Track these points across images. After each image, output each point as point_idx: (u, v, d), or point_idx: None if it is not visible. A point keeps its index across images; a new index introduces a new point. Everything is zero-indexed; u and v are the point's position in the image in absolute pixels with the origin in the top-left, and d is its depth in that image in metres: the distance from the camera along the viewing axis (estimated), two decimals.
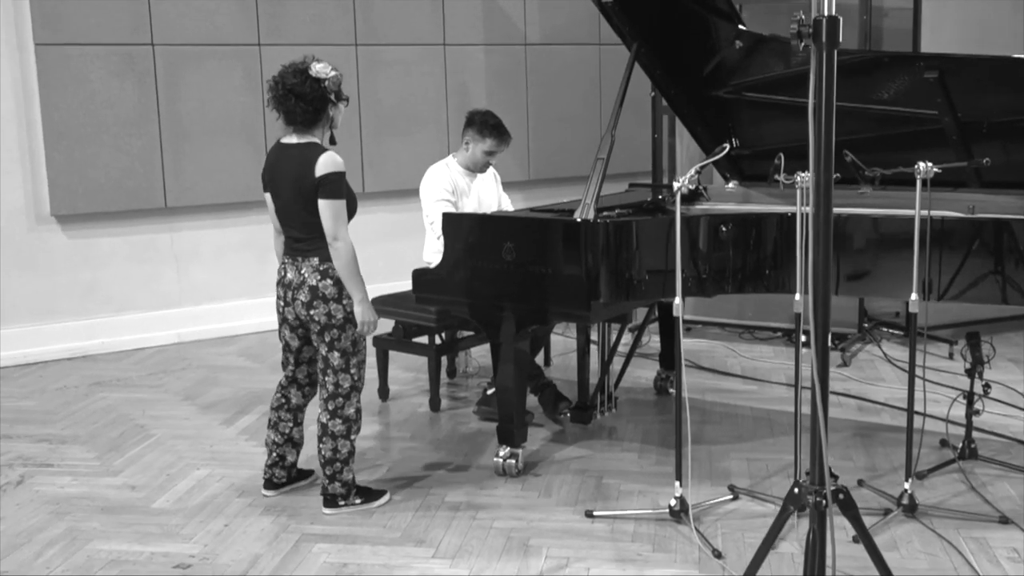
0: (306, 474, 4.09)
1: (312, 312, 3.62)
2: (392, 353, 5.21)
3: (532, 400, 4.86)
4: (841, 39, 1.96)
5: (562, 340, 6.12)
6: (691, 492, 3.91)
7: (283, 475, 3.98)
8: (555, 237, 3.86)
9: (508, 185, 7.25)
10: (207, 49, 6.35)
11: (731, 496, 3.87)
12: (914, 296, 3.57)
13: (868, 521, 3.55)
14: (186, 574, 3.36)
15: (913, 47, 5.93)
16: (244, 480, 4.13)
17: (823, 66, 1.63)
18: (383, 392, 5.18)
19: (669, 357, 5.18)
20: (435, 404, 4.99)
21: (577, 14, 7.54)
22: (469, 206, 4.91)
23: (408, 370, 5.66)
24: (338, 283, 3.62)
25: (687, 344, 6.09)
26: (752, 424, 4.70)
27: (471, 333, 5.18)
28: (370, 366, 5.34)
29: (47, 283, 6.15)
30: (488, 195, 5.05)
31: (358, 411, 3.76)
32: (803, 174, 3.54)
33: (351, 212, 3.69)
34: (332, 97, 3.61)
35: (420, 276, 4.25)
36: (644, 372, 5.52)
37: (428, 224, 4.81)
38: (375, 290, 5.52)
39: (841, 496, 2.59)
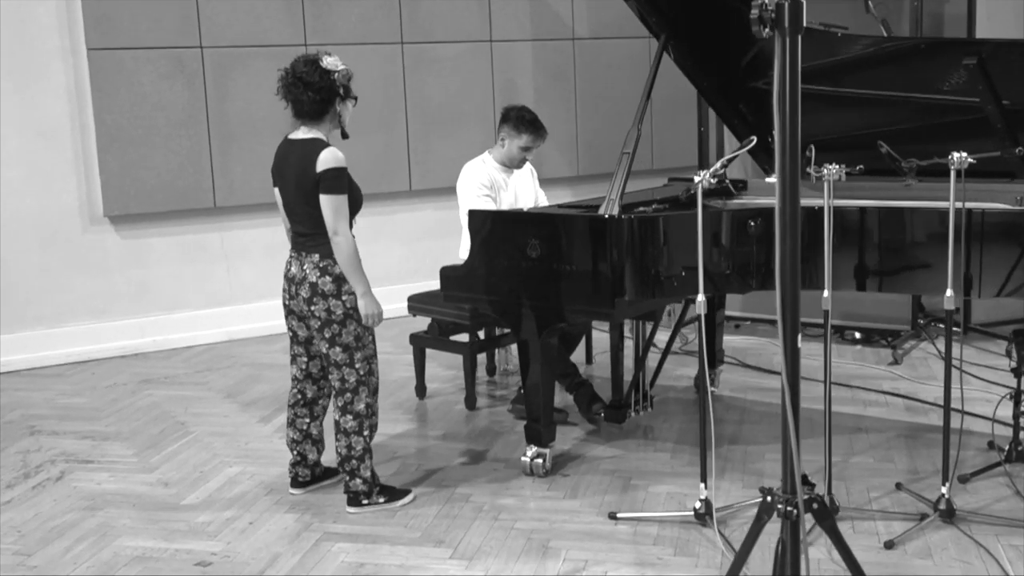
0: (333, 472, 4.09)
1: (312, 308, 3.65)
2: (432, 351, 5.20)
3: (568, 399, 4.82)
4: (806, 23, 1.88)
5: (606, 337, 6.03)
6: (723, 494, 3.83)
7: (307, 473, 3.99)
8: (579, 233, 3.80)
9: (557, 181, 7.23)
10: (254, 50, 6.41)
11: (762, 498, 3.76)
12: (949, 292, 3.43)
13: (902, 527, 3.46)
14: (206, 572, 3.39)
15: (968, 34, 5.71)
16: (273, 478, 4.15)
17: (786, 54, 1.55)
18: (420, 390, 5.17)
19: (712, 354, 5.07)
20: (471, 402, 4.97)
21: (625, 8, 7.37)
22: (506, 202, 4.88)
23: (448, 368, 5.64)
24: (337, 280, 3.63)
25: (735, 341, 5.96)
26: (802, 424, 4.56)
27: (509, 330, 5.14)
28: (407, 364, 5.37)
29: (101, 283, 6.27)
30: (525, 191, 5.00)
31: (368, 406, 3.75)
32: (831, 166, 3.43)
33: (356, 207, 3.70)
34: (341, 91, 3.62)
35: (447, 273, 4.23)
36: (687, 370, 5.42)
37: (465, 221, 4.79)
38: (420, 287, 5.54)
39: (815, 505, 2.43)
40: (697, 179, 3.35)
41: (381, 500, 3.81)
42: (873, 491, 3.81)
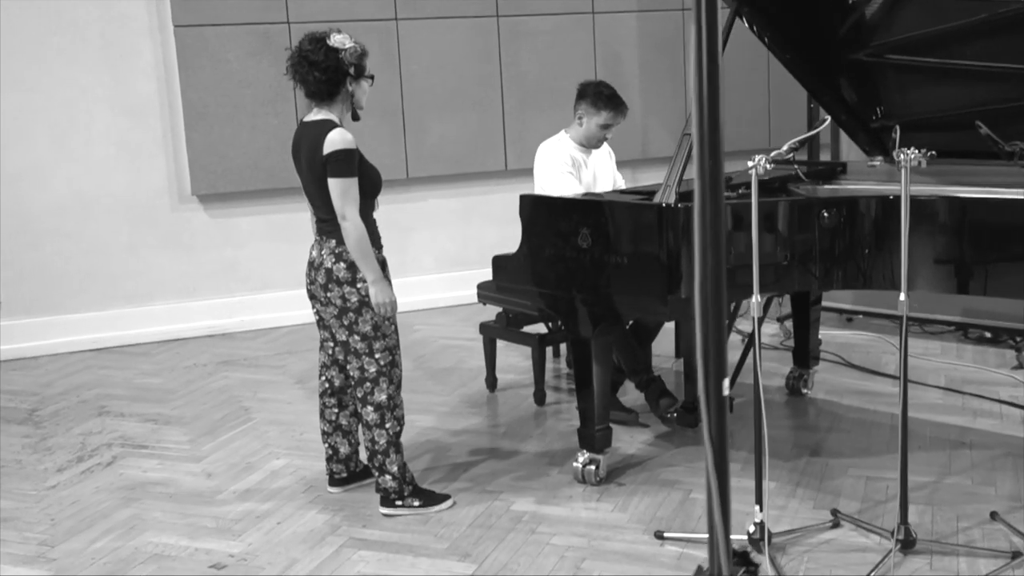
0: (369, 472, 3.89)
1: (329, 295, 3.48)
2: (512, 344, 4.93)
3: (639, 397, 4.48)
4: None
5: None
6: (789, 514, 3.43)
7: (341, 469, 3.79)
8: (631, 223, 3.45)
9: (663, 160, 6.80)
10: (342, 25, 6.12)
11: (831, 522, 3.35)
12: None
13: (988, 566, 2.99)
14: (219, 575, 3.23)
15: None
16: (316, 474, 3.98)
17: (703, 22, 1.20)
18: (491, 383, 4.91)
19: (804, 353, 4.62)
20: (540, 398, 4.67)
21: None
22: (584, 184, 4.55)
23: (529, 358, 5.35)
24: (352, 266, 3.43)
25: (842, 337, 5.46)
26: (887, 435, 4.09)
27: None
28: (478, 352, 5.11)
29: (190, 262, 6.26)
30: (604, 173, 4.66)
31: (391, 398, 3.54)
32: (909, 150, 2.97)
33: (373, 191, 3.47)
34: (351, 71, 3.38)
35: (498, 263, 3.94)
36: (785, 367, 4.96)
37: None
38: None
39: None
40: (751, 164, 2.95)
41: (416, 503, 3.60)
42: (963, 520, 3.34)
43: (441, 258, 6.75)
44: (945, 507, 3.44)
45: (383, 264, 3.51)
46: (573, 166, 4.45)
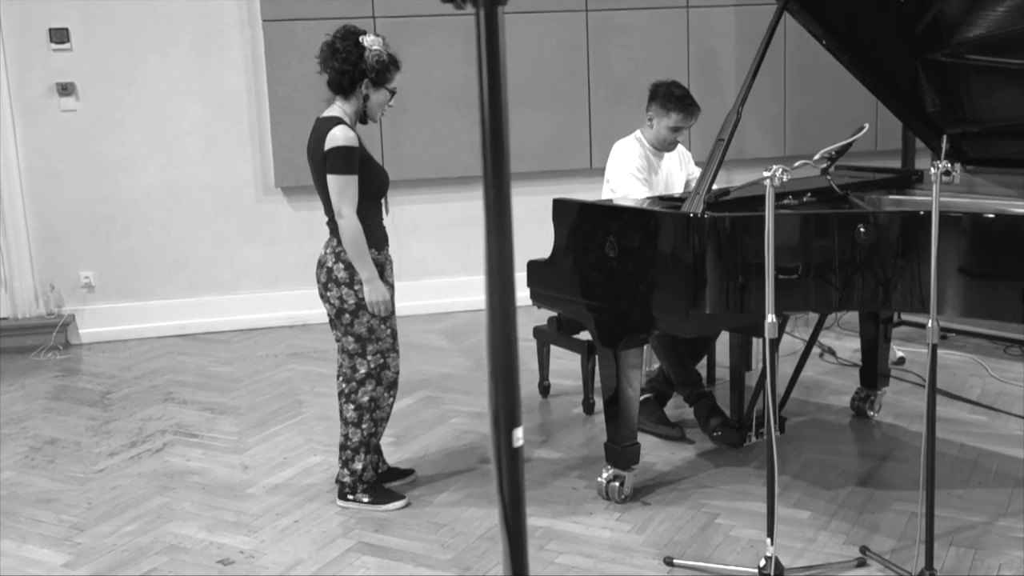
0: (401, 473, 3.86)
1: (328, 295, 3.50)
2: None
3: (680, 412, 4.30)
4: None
5: (788, 340, 5.37)
6: (816, 548, 3.22)
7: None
8: (656, 232, 3.30)
9: (761, 162, 6.53)
10: (428, 20, 6.23)
11: (857, 560, 3.13)
12: None
13: None
14: (223, 572, 3.25)
15: None
16: None
17: (484, 21, 1.09)
18: (543, 388, 4.81)
19: (871, 373, 4.35)
20: (588, 407, 4.55)
21: None
22: (657, 188, 4.39)
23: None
24: (350, 268, 3.44)
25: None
26: (949, 467, 3.80)
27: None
28: (532, 353, 5.00)
29: (273, 252, 6.37)
30: (676, 177, 4.48)
31: (373, 400, 3.56)
32: (941, 162, 2.72)
33: (378, 192, 3.48)
34: (371, 75, 3.34)
35: (532, 268, 3.84)
36: (850, 384, 4.68)
37: None
38: None
39: None
40: (767, 174, 2.77)
41: (365, 500, 3.64)
42: (1006, 568, 3.06)
43: (520, 256, 6.66)
44: (989, 552, 3.16)
45: (381, 265, 3.48)
46: (644, 169, 4.29)
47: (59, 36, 5.91)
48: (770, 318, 2.84)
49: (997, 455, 3.89)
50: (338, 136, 3.35)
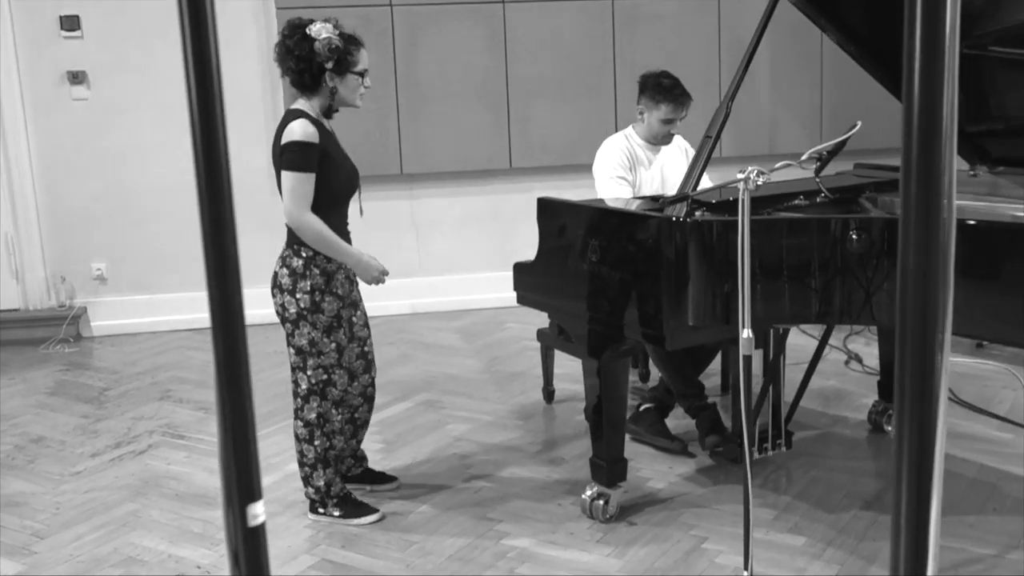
0: (384, 478, 3.70)
1: (273, 300, 3.33)
2: None
3: (686, 424, 4.05)
4: None
5: (806, 343, 5.08)
6: None
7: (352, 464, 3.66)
8: (634, 236, 3.06)
9: (793, 159, 6.22)
10: (448, 8, 6.03)
11: None
12: None
13: None
14: None
15: None
16: None
17: (186, 11, 0.89)
18: (547, 394, 4.59)
19: (891, 384, 4.04)
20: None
21: None
22: (650, 183, 4.16)
23: None
24: (294, 274, 3.26)
25: (967, 365, 4.78)
26: (964, 490, 3.51)
27: None
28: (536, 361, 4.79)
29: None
30: (674, 171, 4.23)
31: (321, 415, 3.37)
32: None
33: (345, 191, 3.32)
34: (328, 64, 3.14)
35: (518, 270, 3.62)
36: (868, 396, 4.38)
37: None
38: None
39: None
40: (741, 175, 2.51)
41: (336, 513, 3.47)
42: None
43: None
44: None
45: (331, 274, 3.29)
46: (629, 167, 4.07)
47: (70, 23, 5.82)
48: (746, 333, 2.59)
49: (1019, 479, 3.58)
50: (296, 131, 3.17)
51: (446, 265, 6.39)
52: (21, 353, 5.73)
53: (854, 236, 2.79)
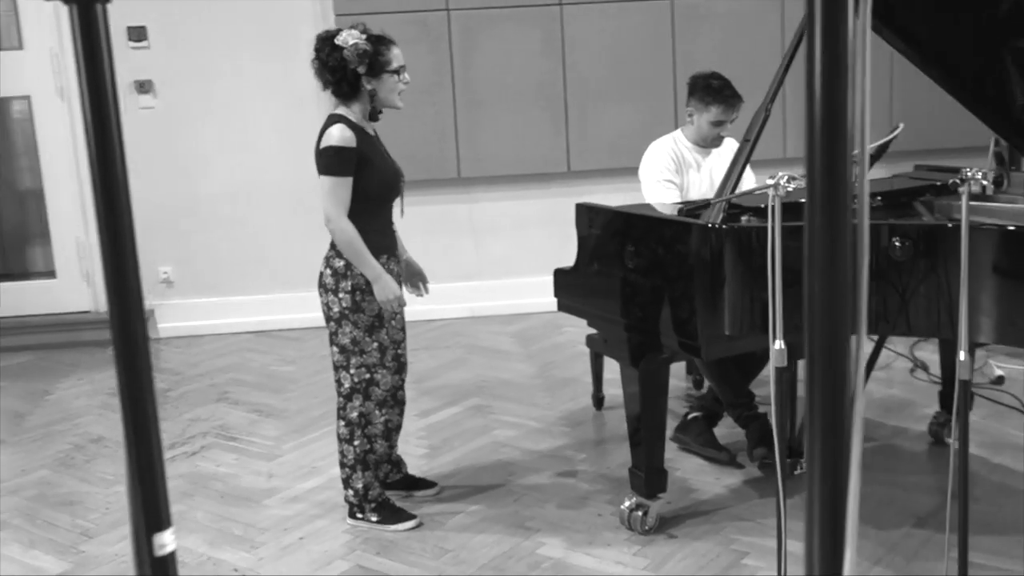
0: (423, 484, 3.70)
1: (320, 300, 3.35)
2: None
3: (737, 432, 3.96)
4: None
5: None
6: None
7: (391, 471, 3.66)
8: (669, 242, 2.99)
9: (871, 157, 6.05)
10: (504, 11, 6.01)
11: None
12: None
13: None
14: None
15: None
16: None
17: (79, 20, 0.87)
18: (597, 400, 4.53)
19: (950, 396, 3.89)
20: None
21: None
22: (699, 186, 4.09)
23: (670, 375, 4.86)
24: (336, 274, 3.29)
25: None
26: (1017, 507, 3.36)
27: None
28: (611, 364, 4.72)
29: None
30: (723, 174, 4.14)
31: (362, 415, 3.38)
32: (971, 171, 2.34)
33: (383, 193, 3.32)
34: (361, 69, 3.14)
35: (558, 276, 3.58)
36: (930, 406, 4.23)
37: None
38: None
39: None
40: (770, 181, 2.44)
41: (373, 519, 3.46)
42: None
43: None
44: None
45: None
46: (676, 170, 4.00)
47: (137, 34, 5.95)
48: (778, 344, 2.51)
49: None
50: (333, 135, 3.22)
51: (504, 269, 6.37)
52: (91, 354, 5.87)
53: (897, 243, 2.68)
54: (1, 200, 6.71)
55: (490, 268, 6.37)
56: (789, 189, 2.42)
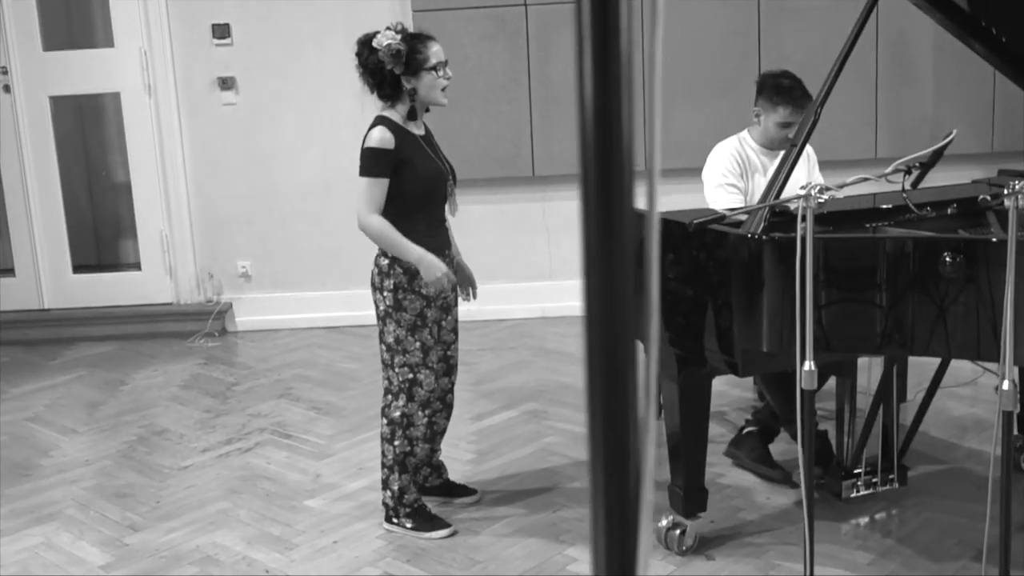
0: (462, 491, 3.64)
1: (372, 299, 3.37)
2: None
3: (794, 450, 3.78)
4: None
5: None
6: None
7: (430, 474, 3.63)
8: (706, 253, 2.85)
9: (966, 159, 5.75)
10: None
11: None
12: None
13: None
14: None
15: None
16: None
17: None
18: (658, 408, 4.40)
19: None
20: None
21: None
22: (763, 189, 3.91)
23: (734, 386, 4.72)
24: (382, 273, 3.31)
25: None
26: None
27: None
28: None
29: None
30: (792, 179, 3.96)
31: (405, 416, 3.35)
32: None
33: (423, 193, 3.29)
34: (398, 69, 3.10)
35: None
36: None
37: None
38: None
39: None
40: (802, 192, 2.29)
41: (408, 525, 3.42)
42: None
43: None
44: None
45: (414, 275, 3.25)
46: (742, 175, 3.84)
47: (221, 32, 6.05)
48: (808, 365, 2.37)
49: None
50: (373, 137, 3.23)
51: (577, 269, 6.24)
52: (170, 346, 6.00)
53: (947, 259, 2.50)
54: (96, 194, 6.94)
55: (563, 268, 6.28)
56: (821, 200, 2.27)
